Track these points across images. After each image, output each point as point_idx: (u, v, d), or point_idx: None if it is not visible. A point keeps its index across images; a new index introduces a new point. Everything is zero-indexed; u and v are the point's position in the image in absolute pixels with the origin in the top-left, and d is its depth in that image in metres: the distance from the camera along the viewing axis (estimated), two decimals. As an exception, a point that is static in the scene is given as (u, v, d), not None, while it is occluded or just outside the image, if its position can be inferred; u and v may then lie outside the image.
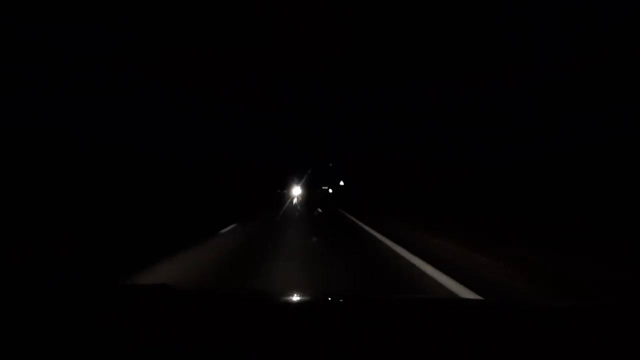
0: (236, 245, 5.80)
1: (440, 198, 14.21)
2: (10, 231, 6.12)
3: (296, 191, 31.11)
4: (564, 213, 7.65)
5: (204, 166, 22.09)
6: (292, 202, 22.13)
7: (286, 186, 36.31)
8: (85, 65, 13.51)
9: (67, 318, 0.89)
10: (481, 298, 2.63)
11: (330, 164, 40.45)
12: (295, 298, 1.39)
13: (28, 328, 0.81)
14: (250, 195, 20.32)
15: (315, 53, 21.90)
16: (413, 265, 3.99)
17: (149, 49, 16.42)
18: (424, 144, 18.72)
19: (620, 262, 3.83)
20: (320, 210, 13.95)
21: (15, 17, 11.17)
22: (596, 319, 0.98)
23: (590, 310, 1.14)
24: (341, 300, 1.35)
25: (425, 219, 9.22)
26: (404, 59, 19.21)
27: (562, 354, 0.73)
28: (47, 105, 12.02)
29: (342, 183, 30.87)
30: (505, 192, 11.68)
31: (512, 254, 4.38)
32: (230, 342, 0.76)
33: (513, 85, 12.63)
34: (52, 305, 1.00)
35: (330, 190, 39.61)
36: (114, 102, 14.90)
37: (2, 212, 7.32)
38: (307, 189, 34.75)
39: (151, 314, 0.95)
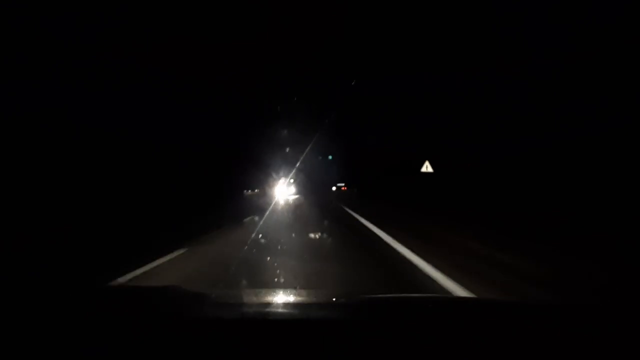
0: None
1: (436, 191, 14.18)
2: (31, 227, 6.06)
3: (281, 191, 19.03)
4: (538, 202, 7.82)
5: (196, 158, 21.63)
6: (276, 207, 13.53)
7: (266, 182, 21.91)
8: (73, 54, 13.18)
9: (74, 320, 0.89)
10: (474, 296, 2.61)
11: (320, 157, 31.73)
12: (297, 300, 1.35)
13: (32, 329, 0.82)
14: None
15: (312, 44, 21.72)
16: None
17: (143, 40, 16.14)
18: (422, 136, 18.75)
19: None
20: None
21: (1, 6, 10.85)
22: (590, 316, 0.98)
23: (584, 307, 1.15)
24: (334, 300, 1.37)
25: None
26: (400, 50, 19.17)
27: (555, 350, 0.73)
28: (35, 94, 11.74)
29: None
30: (493, 184, 11.70)
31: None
32: (234, 346, 0.76)
33: (511, 78, 12.68)
34: (57, 307, 0.99)
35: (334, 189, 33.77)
36: (105, 91, 14.59)
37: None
38: (304, 186, 23.71)
39: (158, 316, 0.94)
